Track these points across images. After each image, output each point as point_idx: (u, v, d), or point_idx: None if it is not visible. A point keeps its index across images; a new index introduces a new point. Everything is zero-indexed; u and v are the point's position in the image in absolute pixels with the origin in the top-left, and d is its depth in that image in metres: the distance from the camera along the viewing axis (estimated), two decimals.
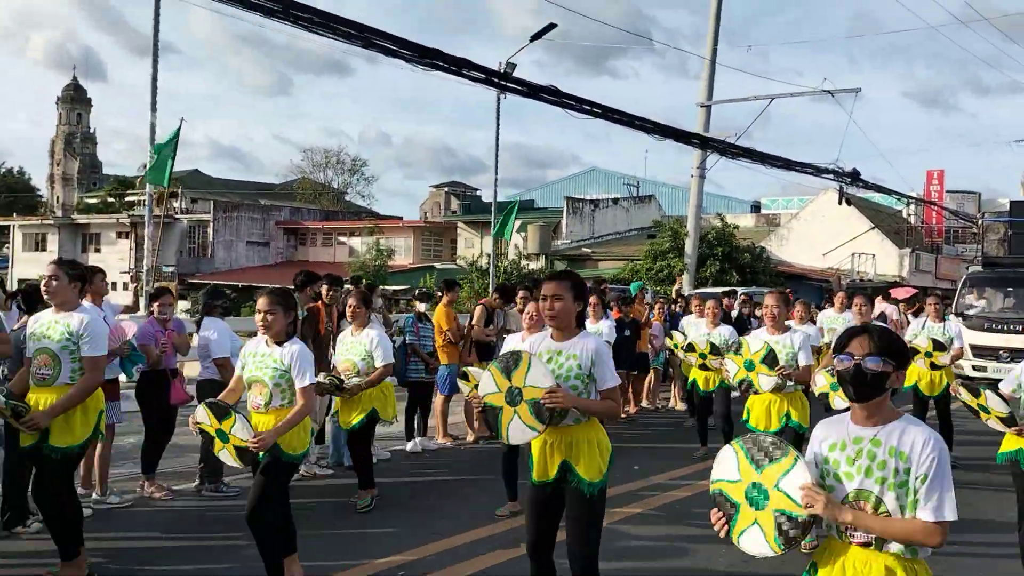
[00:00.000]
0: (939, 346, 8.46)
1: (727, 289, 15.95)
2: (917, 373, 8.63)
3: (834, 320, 10.43)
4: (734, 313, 12.88)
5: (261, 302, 4.69)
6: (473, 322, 9.44)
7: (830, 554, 2.69)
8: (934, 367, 8.56)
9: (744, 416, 6.36)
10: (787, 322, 6.60)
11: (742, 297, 14.21)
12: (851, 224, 32.45)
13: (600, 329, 8.99)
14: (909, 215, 37.13)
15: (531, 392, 3.71)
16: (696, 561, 5.51)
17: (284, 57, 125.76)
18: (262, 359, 4.68)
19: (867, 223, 32.97)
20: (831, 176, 21.89)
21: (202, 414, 4.49)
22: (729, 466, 2.81)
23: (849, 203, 25.74)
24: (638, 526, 6.27)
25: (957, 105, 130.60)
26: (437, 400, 9.30)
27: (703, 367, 8.77)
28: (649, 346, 11.71)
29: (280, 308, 4.69)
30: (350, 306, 6.83)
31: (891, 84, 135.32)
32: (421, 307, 9.22)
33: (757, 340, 6.31)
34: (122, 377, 6.75)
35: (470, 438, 9.44)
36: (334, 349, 7.41)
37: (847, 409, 2.77)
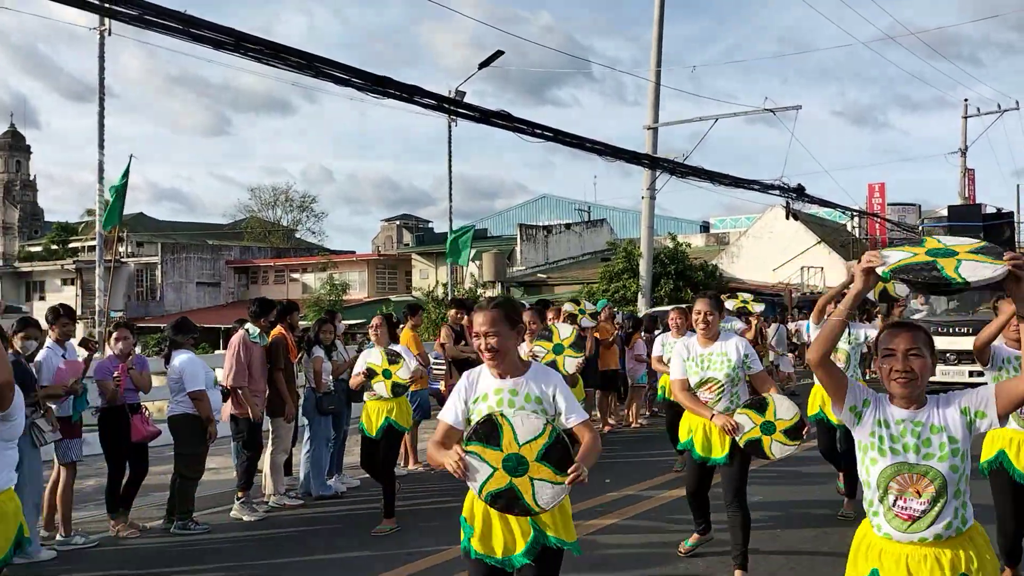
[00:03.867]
0: None
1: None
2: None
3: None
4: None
5: None
6: (441, 341, 9.54)
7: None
8: None
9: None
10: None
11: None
12: (799, 239, 33.22)
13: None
14: (853, 228, 38.12)
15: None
16: (676, 568, 5.53)
17: (221, 97, 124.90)
18: None
19: (814, 237, 33.78)
20: (777, 192, 22.39)
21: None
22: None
23: (796, 218, 26.34)
24: (613, 535, 6.28)
25: (888, 122, 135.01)
26: None
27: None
28: (634, 362, 12.25)
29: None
30: None
31: (824, 104, 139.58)
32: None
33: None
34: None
35: None
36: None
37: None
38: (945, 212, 20.09)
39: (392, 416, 6.78)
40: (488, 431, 3.04)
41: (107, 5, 9.38)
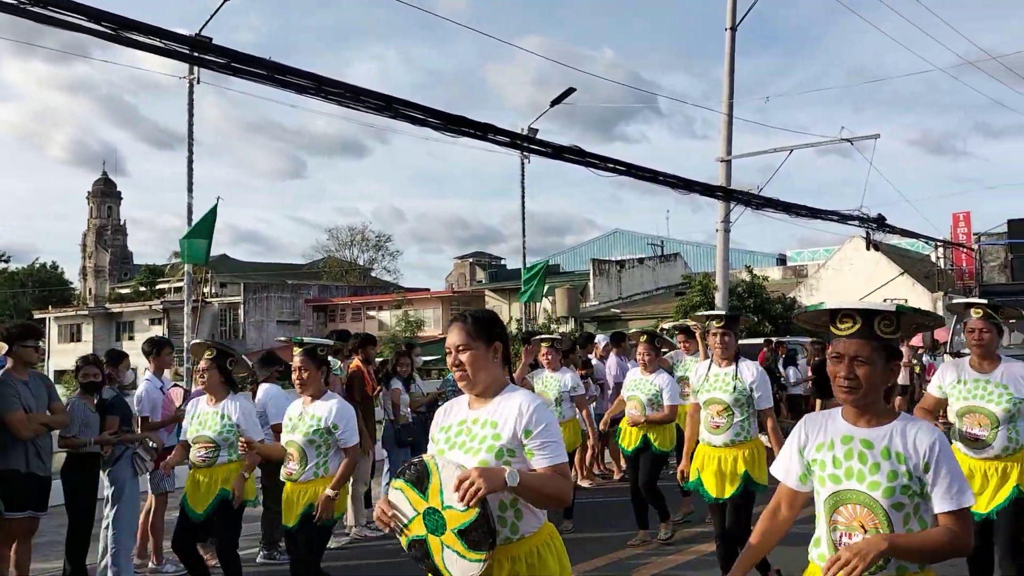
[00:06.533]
0: None
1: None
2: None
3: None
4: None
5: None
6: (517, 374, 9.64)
7: None
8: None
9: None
10: None
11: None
12: (880, 271, 32.28)
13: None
14: (938, 259, 36.84)
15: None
16: None
17: (296, 141, 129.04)
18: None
19: (896, 269, 32.76)
20: (857, 223, 21.86)
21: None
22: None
23: (877, 249, 25.66)
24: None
25: (968, 149, 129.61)
26: None
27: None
28: None
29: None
30: None
31: (899, 132, 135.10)
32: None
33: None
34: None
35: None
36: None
37: None
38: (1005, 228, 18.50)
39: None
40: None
41: (197, 54, 9.86)
